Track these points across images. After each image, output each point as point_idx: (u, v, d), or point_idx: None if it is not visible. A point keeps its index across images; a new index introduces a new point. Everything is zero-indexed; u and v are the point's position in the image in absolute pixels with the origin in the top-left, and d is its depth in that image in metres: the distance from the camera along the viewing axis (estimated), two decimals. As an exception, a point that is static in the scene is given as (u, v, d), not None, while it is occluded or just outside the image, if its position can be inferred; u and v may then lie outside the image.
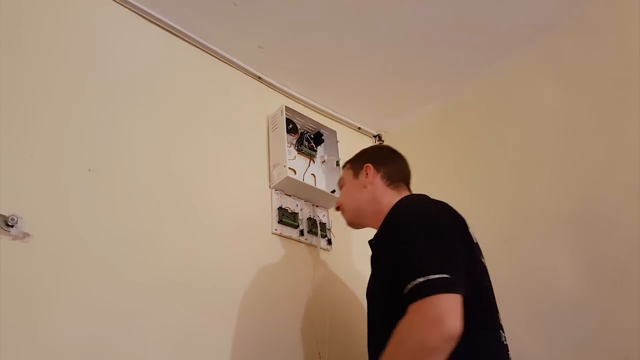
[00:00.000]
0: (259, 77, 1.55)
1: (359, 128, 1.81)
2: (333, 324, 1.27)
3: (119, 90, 1.19)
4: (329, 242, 1.43)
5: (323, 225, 1.42)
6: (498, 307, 0.94)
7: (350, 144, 1.68)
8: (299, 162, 1.49)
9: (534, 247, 1.28)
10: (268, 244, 1.30)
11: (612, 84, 1.26)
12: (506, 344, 0.89)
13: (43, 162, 0.99)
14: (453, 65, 1.57)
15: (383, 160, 1.10)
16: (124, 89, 1.20)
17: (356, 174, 1.10)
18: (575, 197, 1.24)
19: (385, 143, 1.84)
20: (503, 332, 0.90)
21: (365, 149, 1.19)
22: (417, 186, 1.14)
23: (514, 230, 1.34)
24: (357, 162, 1.12)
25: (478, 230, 1.14)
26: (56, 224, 0.96)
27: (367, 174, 1.07)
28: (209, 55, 1.45)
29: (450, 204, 1.11)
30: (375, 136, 1.85)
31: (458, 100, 1.65)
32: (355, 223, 1.12)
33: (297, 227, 1.36)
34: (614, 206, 1.16)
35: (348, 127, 1.79)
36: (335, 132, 1.55)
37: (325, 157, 1.55)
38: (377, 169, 1.08)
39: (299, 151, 1.50)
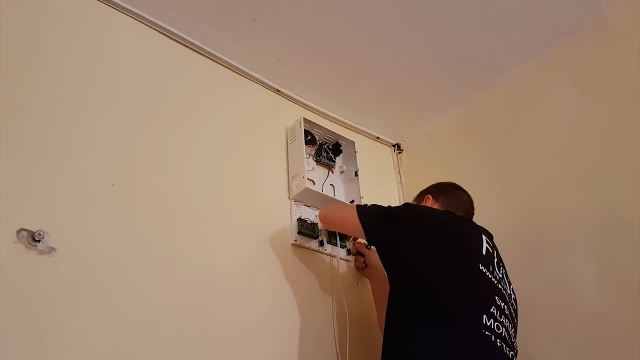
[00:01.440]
0: (277, 90, 1.55)
1: (378, 138, 1.79)
2: (353, 334, 1.24)
3: (140, 106, 1.20)
4: (349, 252, 1.41)
5: (342, 235, 1.40)
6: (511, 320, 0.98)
7: (369, 154, 1.67)
8: (318, 173, 1.48)
9: (556, 256, 1.24)
10: (288, 255, 1.29)
11: (632, 88, 1.21)
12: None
13: (69, 177, 1.01)
14: (470, 72, 1.54)
15: (443, 191, 1.21)
16: (144, 105, 1.21)
17: (419, 204, 1.22)
18: (598, 205, 1.20)
19: (404, 152, 1.82)
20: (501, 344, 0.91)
21: (432, 184, 1.27)
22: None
23: (536, 238, 1.30)
24: (420, 195, 1.25)
25: (500, 239, 1.12)
26: (81, 238, 0.97)
27: (426, 203, 1.19)
28: (228, 70, 1.47)
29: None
30: (393, 145, 1.83)
31: (476, 107, 1.62)
32: None
33: (316, 237, 1.35)
34: (636, 214, 1.11)
35: (367, 136, 1.77)
36: (353, 142, 1.54)
37: (344, 168, 1.53)
38: (436, 199, 1.19)
39: (318, 162, 1.49)
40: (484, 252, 1.00)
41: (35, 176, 0.97)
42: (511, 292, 1.06)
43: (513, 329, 0.99)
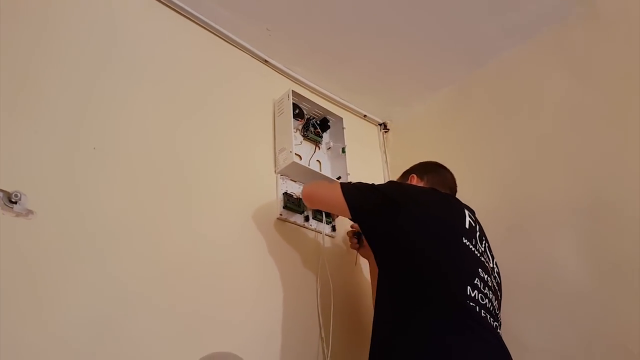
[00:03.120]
0: (266, 61, 1.53)
1: (365, 116, 1.79)
2: (337, 310, 1.26)
3: (124, 70, 1.16)
4: (334, 228, 1.42)
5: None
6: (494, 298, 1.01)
7: (355, 132, 1.68)
8: (305, 148, 1.48)
9: (539, 237, 1.28)
10: (273, 229, 1.29)
11: (621, 74, 1.24)
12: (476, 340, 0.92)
13: (48, 138, 0.97)
14: (460, 54, 1.56)
15: (426, 170, 1.24)
16: (128, 68, 1.17)
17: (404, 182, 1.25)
18: (582, 188, 1.24)
19: (390, 131, 1.83)
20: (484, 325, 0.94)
21: (415, 164, 1.30)
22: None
23: (520, 219, 1.34)
24: (404, 174, 1.28)
25: (484, 219, 1.15)
26: (60, 202, 0.94)
27: (411, 182, 1.22)
28: (216, 37, 1.43)
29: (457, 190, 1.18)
30: (380, 124, 1.84)
31: (465, 89, 1.64)
32: None
33: (302, 212, 1.35)
34: (622, 198, 1.16)
35: (354, 114, 1.77)
36: (341, 118, 1.53)
37: (331, 144, 1.53)
38: (421, 178, 1.22)
39: (305, 137, 1.49)
40: (467, 226, 1.04)
41: (13, 136, 0.93)
42: (494, 266, 1.09)
43: (497, 301, 1.03)
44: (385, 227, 1.04)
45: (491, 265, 1.07)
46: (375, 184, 1.12)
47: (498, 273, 1.10)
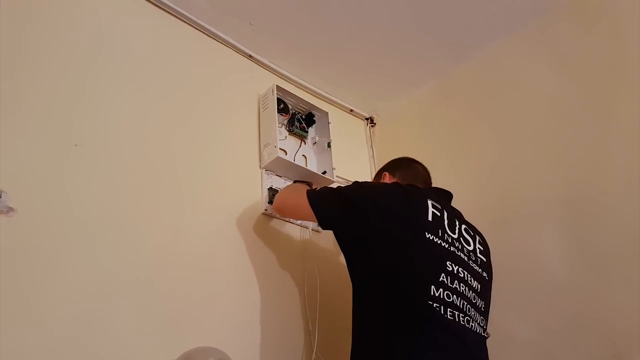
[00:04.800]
0: (250, 56, 1.55)
1: (351, 110, 1.83)
2: (324, 301, 1.30)
3: (106, 65, 1.19)
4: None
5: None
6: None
7: (342, 126, 1.71)
8: (290, 142, 1.50)
9: (523, 229, 1.32)
10: (258, 224, 1.32)
11: (605, 68, 1.28)
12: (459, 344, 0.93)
13: (28, 135, 1.00)
14: (445, 47, 1.59)
15: (398, 166, 1.26)
16: (110, 64, 1.20)
17: (377, 181, 1.28)
18: (566, 181, 1.27)
19: (377, 126, 1.86)
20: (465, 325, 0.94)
21: (387, 162, 1.33)
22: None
23: (504, 212, 1.37)
24: (378, 173, 1.31)
25: (468, 212, 1.19)
26: (41, 199, 0.97)
27: (384, 180, 1.24)
28: (199, 32, 1.45)
29: (440, 185, 1.20)
30: (367, 119, 1.87)
31: (450, 82, 1.67)
32: None
33: (287, 208, 1.38)
34: (604, 191, 1.19)
35: (340, 109, 1.81)
36: (327, 113, 1.56)
37: (317, 139, 1.56)
38: (393, 174, 1.24)
39: (290, 132, 1.51)
40: (429, 218, 1.02)
41: (-7, 131, 0.95)
42: (475, 247, 1.08)
43: (476, 292, 1.02)
44: (349, 232, 1.06)
45: (470, 248, 1.07)
46: (341, 186, 1.13)
47: (483, 252, 1.10)
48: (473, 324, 0.98)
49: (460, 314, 0.95)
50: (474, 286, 1.02)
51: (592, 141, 1.25)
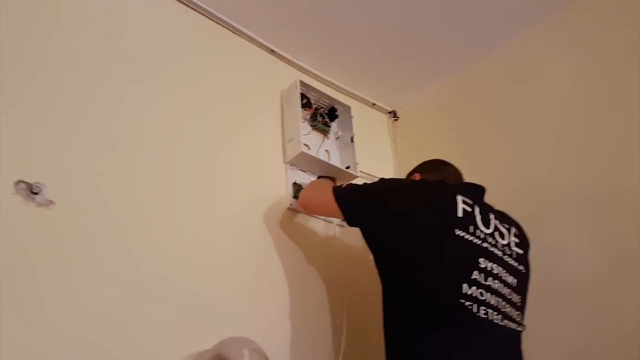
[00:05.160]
0: (272, 51, 1.57)
1: (374, 104, 1.83)
2: (350, 296, 1.31)
3: (135, 62, 1.22)
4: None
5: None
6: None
7: (364, 121, 1.71)
8: (313, 137, 1.52)
9: (549, 226, 1.30)
10: (284, 219, 1.34)
11: (631, 57, 1.25)
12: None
13: (67, 131, 1.03)
14: (468, 39, 1.58)
15: (429, 168, 1.25)
16: (136, 61, 1.22)
17: None
18: (593, 177, 1.26)
19: (400, 119, 1.86)
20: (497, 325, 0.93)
21: (417, 164, 1.31)
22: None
23: (529, 208, 1.35)
24: (408, 176, 1.28)
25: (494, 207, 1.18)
26: (79, 192, 1.00)
27: None
28: (222, 27, 1.47)
29: (465, 179, 1.19)
30: (390, 112, 1.87)
31: (474, 73, 1.66)
32: None
33: (311, 202, 1.40)
34: (632, 186, 1.18)
35: (362, 103, 1.81)
36: (349, 107, 1.57)
37: (340, 133, 1.57)
38: (424, 176, 1.21)
39: (313, 127, 1.52)
40: (460, 214, 1.00)
41: (34, 128, 0.99)
42: (509, 241, 1.06)
43: (511, 287, 1.00)
44: (375, 229, 1.06)
45: (504, 242, 1.04)
46: (367, 183, 1.13)
47: (520, 244, 1.08)
48: (507, 322, 0.96)
49: (495, 312, 0.94)
50: (509, 281, 1.00)
51: (620, 136, 1.24)
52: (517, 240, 1.09)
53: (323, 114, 1.54)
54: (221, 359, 0.96)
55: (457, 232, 0.98)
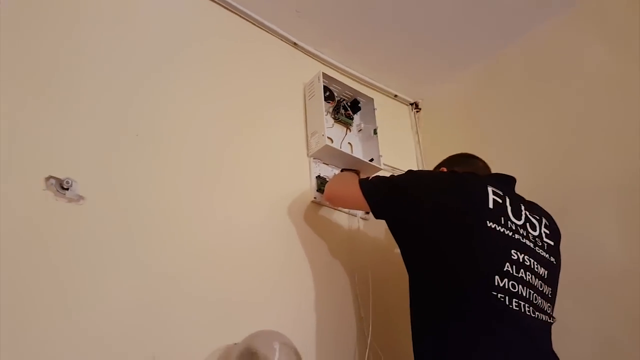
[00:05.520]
0: (295, 44, 1.56)
1: (395, 96, 1.81)
2: (375, 289, 1.30)
3: (161, 60, 1.22)
4: (367, 211, 1.46)
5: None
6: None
7: (386, 113, 1.69)
8: (336, 130, 1.51)
9: (582, 218, 1.28)
10: (308, 212, 1.34)
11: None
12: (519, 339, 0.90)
13: (95, 127, 1.04)
14: (492, 28, 1.55)
15: (456, 162, 1.24)
16: (161, 55, 1.23)
17: None
18: (625, 166, 1.23)
19: (422, 111, 1.84)
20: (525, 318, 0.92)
21: (445, 158, 1.30)
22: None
23: (561, 200, 1.33)
24: (436, 168, 1.27)
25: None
26: (108, 188, 1.01)
27: None
28: (244, 20, 1.47)
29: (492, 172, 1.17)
30: (412, 104, 1.85)
31: (497, 64, 1.63)
32: None
33: (335, 195, 1.39)
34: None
35: (384, 94, 1.79)
36: (372, 99, 1.56)
37: (362, 126, 1.56)
38: (452, 170, 1.18)
39: (336, 119, 1.52)
40: (490, 206, 0.99)
41: (64, 124, 1.00)
42: (541, 232, 1.05)
43: (543, 280, 0.99)
44: (402, 222, 1.05)
45: (536, 233, 1.04)
46: (394, 175, 1.13)
47: (550, 235, 1.07)
48: (539, 313, 0.95)
49: (526, 304, 0.93)
50: (540, 273, 0.99)
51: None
52: (547, 231, 1.08)
53: (346, 106, 1.53)
54: (251, 353, 0.96)
55: (489, 223, 0.97)
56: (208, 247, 1.12)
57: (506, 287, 0.92)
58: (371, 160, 1.47)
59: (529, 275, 0.96)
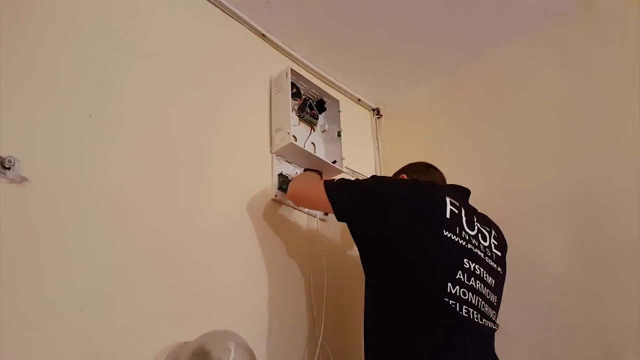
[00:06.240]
0: (263, 35, 1.53)
1: (359, 100, 1.83)
2: (330, 290, 1.30)
3: (120, 38, 1.15)
4: (326, 212, 1.46)
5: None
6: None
7: (348, 116, 1.70)
8: (300, 129, 1.49)
9: (527, 229, 1.35)
10: (268, 210, 1.31)
11: (614, 73, 1.32)
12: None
13: (43, 104, 0.95)
14: (458, 45, 1.61)
15: (416, 170, 1.27)
16: (124, 37, 1.15)
17: None
18: (571, 183, 1.32)
19: (383, 118, 1.87)
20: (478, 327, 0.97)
21: (404, 165, 1.34)
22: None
23: (508, 211, 1.39)
24: (394, 176, 1.31)
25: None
26: (56, 170, 0.93)
27: None
28: (211, 4, 1.41)
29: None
30: (373, 109, 1.88)
31: (459, 80, 1.70)
32: None
33: (296, 195, 1.37)
34: (608, 195, 1.24)
35: (348, 97, 1.80)
36: (338, 101, 1.56)
37: (326, 127, 1.55)
38: (411, 178, 1.22)
39: (301, 118, 1.50)
40: (447, 216, 1.03)
41: (6, 100, 0.90)
42: (490, 243, 1.10)
43: (490, 288, 1.05)
44: (365, 226, 1.07)
45: (486, 243, 1.09)
46: (359, 179, 1.16)
47: (498, 246, 1.12)
48: (485, 320, 1.01)
49: (475, 312, 0.98)
50: (488, 282, 1.04)
51: (599, 145, 1.30)
52: (496, 242, 1.14)
53: (312, 105, 1.52)
54: (205, 352, 0.92)
55: (445, 232, 1.01)
56: (160, 239, 1.06)
57: (457, 294, 0.96)
58: (334, 162, 1.47)
59: (478, 284, 1.01)
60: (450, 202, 1.07)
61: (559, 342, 1.23)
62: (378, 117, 1.87)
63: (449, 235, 1.01)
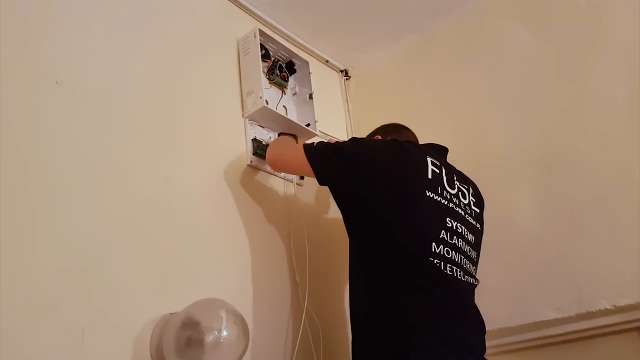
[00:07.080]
0: (227, -7, 1.46)
1: (327, 61, 1.80)
2: (311, 254, 1.32)
3: (85, 6, 1.07)
4: (302, 177, 1.45)
5: (297, 159, 1.42)
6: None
7: (317, 78, 1.67)
8: (271, 92, 1.45)
9: (496, 185, 1.39)
10: (244, 177, 1.29)
11: (581, 32, 1.36)
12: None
13: (4, 70, 0.88)
14: (425, 3, 1.60)
15: (390, 132, 1.27)
16: (88, 5, 1.08)
17: None
18: (538, 140, 1.37)
19: (352, 79, 1.86)
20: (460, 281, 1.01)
21: (377, 127, 1.33)
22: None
23: (478, 167, 1.42)
24: (369, 136, 1.29)
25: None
26: (20, 139, 0.87)
27: None
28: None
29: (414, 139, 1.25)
30: (341, 71, 1.86)
31: (428, 38, 1.70)
32: None
33: (271, 160, 1.36)
34: (576, 150, 1.30)
35: (316, 59, 1.77)
36: (307, 62, 1.52)
37: (297, 89, 1.53)
38: (386, 138, 1.21)
39: (271, 80, 1.46)
40: (429, 176, 1.05)
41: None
42: (469, 200, 1.13)
43: (472, 242, 1.09)
44: (347, 189, 1.07)
45: (465, 201, 1.12)
46: (339, 142, 1.15)
47: (476, 203, 1.16)
48: (467, 277, 1.05)
49: (458, 269, 1.02)
50: (469, 239, 1.08)
51: (566, 102, 1.34)
52: (474, 199, 1.18)
53: (282, 67, 1.48)
54: (194, 322, 0.92)
55: (428, 193, 1.03)
56: (135, 210, 1.03)
57: (441, 253, 0.99)
58: (308, 125, 1.46)
59: (460, 242, 1.05)
60: (432, 162, 1.09)
61: (534, 292, 1.29)
62: (347, 79, 1.85)
63: (431, 196, 1.03)
